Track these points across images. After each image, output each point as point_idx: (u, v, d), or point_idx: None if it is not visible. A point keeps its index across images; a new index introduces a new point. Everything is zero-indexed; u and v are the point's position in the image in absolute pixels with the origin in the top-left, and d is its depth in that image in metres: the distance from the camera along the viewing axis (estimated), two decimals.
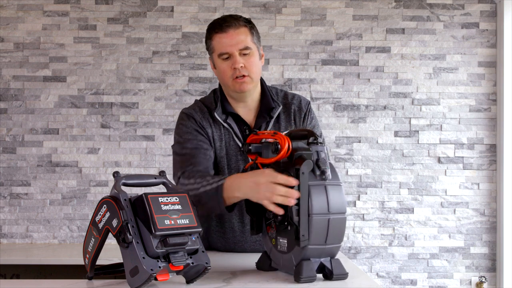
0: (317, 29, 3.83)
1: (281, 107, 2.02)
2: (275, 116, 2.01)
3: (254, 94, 2.01)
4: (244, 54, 1.93)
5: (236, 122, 2.00)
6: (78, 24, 3.78)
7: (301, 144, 1.54)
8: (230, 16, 1.98)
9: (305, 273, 1.49)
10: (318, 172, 1.51)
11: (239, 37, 1.92)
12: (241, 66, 1.91)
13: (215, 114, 1.98)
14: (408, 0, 3.86)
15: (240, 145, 1.97)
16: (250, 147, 1.60)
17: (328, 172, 1.51)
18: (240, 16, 1.98)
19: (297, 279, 1.49)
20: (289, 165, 1.52)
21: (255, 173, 1.61)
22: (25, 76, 3.77)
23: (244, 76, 1.93)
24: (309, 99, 3.78)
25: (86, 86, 3.78)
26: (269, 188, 1.53)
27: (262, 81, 2.05)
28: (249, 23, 1.97)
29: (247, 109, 2.02)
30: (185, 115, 2.00)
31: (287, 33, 3.82)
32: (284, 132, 1.61)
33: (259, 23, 3.80)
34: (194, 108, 2.03)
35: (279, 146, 1.51)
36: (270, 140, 1.59)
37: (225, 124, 1.98)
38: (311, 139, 1.55)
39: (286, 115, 2.03)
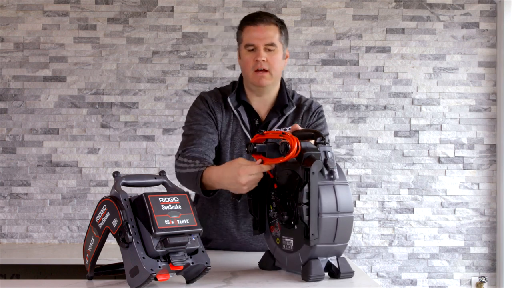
0: (317, 29, 3.83)
1: (294, 107, 2.09)
2: (287, 114, 2.07)
3: (272, 91, 2.08)
4: (269, 50, 2.00)
5: (247, 112, 2.07)
6: (78, 24, 3.78)
7: (310, 144, 1.56)
8: (265, 12, 2.09)
9: (314, 271, 1.50)
10: (326, 172, 1.53)
11: (267, 32, 2.01)
12: (263, 60, 1.99)
13: (228, 99, 2.05)
14: (408, 0, 3.86)
15: (247, 133, 2.04)
16: (256, 147, 1.61)
17: (336, 172, 1.53)
18: (274, 15, 2.08)
19: (306, 278, 1.50)
20: (298, 165, 1.53)
21: (232, 167, 1.66)
22: (25, 76, 3.77)
23: (265, 70, 2.00)
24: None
25: (86, 86, 3.78)
26: (249, 182, 1.62)
27: (282, 81, 2.12)
28: (280, 23, 2.06)
29: (262, 103, 2.09)
30: (200, 98, 2.09)
31: None
32: (288, 129, 1.63)
33: None
34: (210, 93, 2.12)
35: (289, 146, 1.52)
36: (279, 140, 1.59)
37: (235, 111, 2.05)
38: (318, 140, 1.56)
39: (295, 115, 2.09)
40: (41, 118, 3.76)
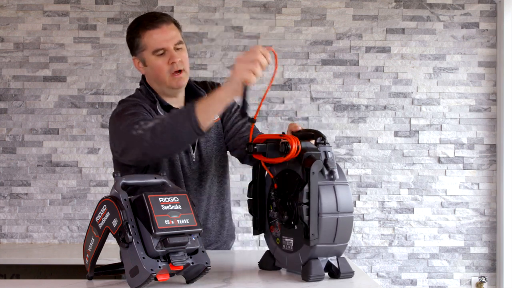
0: (317, 29, 3.83)
1: (206, 94, 1.99)
2: None
3: (183, 88, 2.02)
4: (178, 49, 1.94)
5: None
6: (78, 24, 3.78)
7: (310, 144, 1.56)
8: (158, 13, 2.00)
9: (314, 272, 1.50)
10: (326, 172, 1.53)
11: (172, 32, 1.94)
12: (179, 60, 1.92)
13: (157, 108, 1.93)
14: (408, 0, 3.86)
15: None
16: (256, 147, 1.61)
17: (336, 172, 1.53)
18: (165, 13, 2.01)
19: (306, 278, 1.50)
20: (298, 165, 1.53)
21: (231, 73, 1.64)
22: (25, 76, 3.77)
23: (180, 71, 1.93)
24: (309, 99, 3.80)
25: (86, 86, 3.78)
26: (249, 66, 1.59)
27: None
28: (173, 20, 1.99)
29: (177, 104, 2.01)
30: (130, 103, 1.92)
31: (287, 33, 3.82)
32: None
33: (259, 23, 3.80)
34: (138, 96, 1.97)
35: (289, 146, 1.52)
36: (279, 140, 1.59)
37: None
38: (318, 140, 1.56)
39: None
40: (41, 118, 3.76)
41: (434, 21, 3.86)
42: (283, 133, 1.59)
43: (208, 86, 2.07)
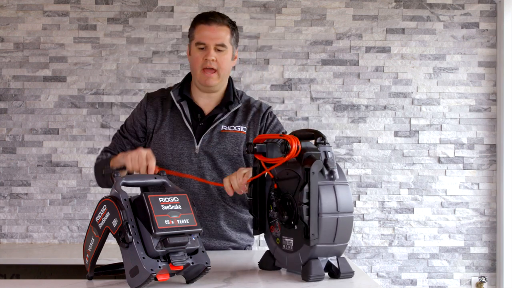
0: (317, 29, 3.83)
1: (240, 104, 2.13)
2: (232, 110, 2.10)
3: (219, 90, 2.13)
4: (219, 50, 2.04)
5: (190, 107, 2.11)
6: (78, 24, 3.78)
7: (310, 144, 1.56)
8: (219, 13, 2.11)
9: (314, 271, 1.50)
10: (326, 172, 1.53)
11: (219, 32, 2.04)
12: (213, 59, 2.03)
13: (171, 93, 2.11)
14: (408, 0, 3.86)
15: (188, 127, 2.07)
16: (256, 147, 1.61)
17: (336, 172, 1.53)
18: (227, 17, 2.11)
19: (306, 278, 1.50)
20: (298, 165, 1.53)
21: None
22: (25, 76, 3.77)
23: (213, 70, 2.04)
24: (309, 99, 3.80)
25: (86, 86, 3.78)
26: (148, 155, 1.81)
27: (230, 80, 2.16)
28: (232, 25, 2.09)
29: (208, 99, 2.13)
30: (144, 97, 2.20)
31: (287, 33, 3.82)
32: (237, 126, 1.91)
33: (259, 23, 3.80)
34: (153, 92, 2.20)
35: (289, 146, 1.52)
36: (279, 140, 1.59)
37: (177, 105, 2.09)
38: (318, 140, 1.56)
39: (244, 113, 2.13)
40: (41, 118, 3.76)
41: (434, 21, 3.86)
42: (283, 133, 1.59)
43: (251, 102, 2.17)
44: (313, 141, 1.59)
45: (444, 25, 3.86)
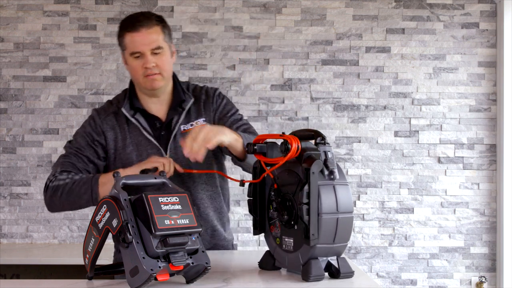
0: (317, 29, 3.83)
1: (192, 99, 2.05)
2: (186, 108, 2.04)
3: (166, 89, 2.05)
4: (156, 53, 1.95)
5: (146, 117, 2.03)
6: (78, 24, 3.78)
7: (310, 144, 1.56)
8: (142, 14, 2.01)
9: (314, 271, 1.50)
10: (326, 172, 1.53)
11: (151, 36, 1.94)
12: (153, 65, 1.95)
13: (123, 110, 2.01)
14: (408, 0, 3.86)
15: (151, 139, 1.99)
16: (255, 147, 1.61)
17: (336, 172, 1.53)
18: (153, 14, 2.01)
19: (306, 278, 1.50)
20: (298, 165, 1.53)
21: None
22: (25, 76, 3.77)
23: (155, 73, 1.96)
24: (309, 99, 3.79)
25: (86, 86, 3.78)
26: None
27: (174, 76, 2.09)
28: (161, 22, 1.99)
29: (159, 104, 2.05)
30: (90, 117, 2.08)
31: (287, 33, 3.82)
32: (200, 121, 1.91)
33: (259, 23, 3.80)
34: (100, 110, 2.08)
35: (289, 146, 1.52)
36: (279, 140, 1.59)
37: (132, 120, 2.01)
38: (318, 140, 1.56)
39: (196, 106, 2.06)
40: (41, 118, 3.76)
41: (434, 21, 3.86)
42: (283, 133, 1.59)
43: (198, 91, 2.09)
44: (313, 141, 1.59)
45: (444, 25, 3.86)
